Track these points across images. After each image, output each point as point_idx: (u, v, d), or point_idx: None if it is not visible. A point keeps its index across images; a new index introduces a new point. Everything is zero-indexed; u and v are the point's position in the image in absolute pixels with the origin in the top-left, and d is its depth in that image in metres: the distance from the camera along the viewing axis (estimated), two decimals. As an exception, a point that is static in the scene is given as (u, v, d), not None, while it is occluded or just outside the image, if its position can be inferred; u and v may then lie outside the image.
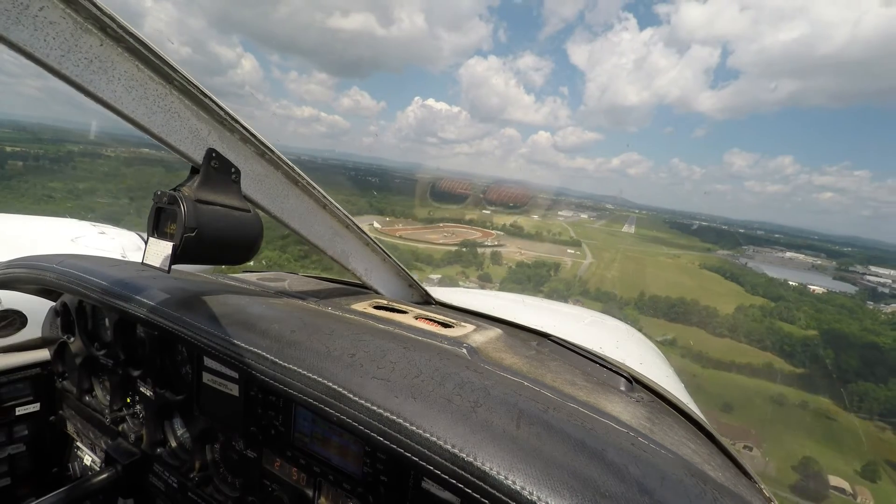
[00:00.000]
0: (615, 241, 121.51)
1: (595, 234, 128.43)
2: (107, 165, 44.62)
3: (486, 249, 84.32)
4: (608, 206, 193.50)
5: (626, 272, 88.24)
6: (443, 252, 76.61)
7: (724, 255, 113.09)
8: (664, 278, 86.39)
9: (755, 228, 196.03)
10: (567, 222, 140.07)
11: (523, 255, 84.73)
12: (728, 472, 0.80)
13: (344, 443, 0.87)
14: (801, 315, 64.18)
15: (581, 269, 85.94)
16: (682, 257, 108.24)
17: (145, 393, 1.23)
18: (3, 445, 1.44)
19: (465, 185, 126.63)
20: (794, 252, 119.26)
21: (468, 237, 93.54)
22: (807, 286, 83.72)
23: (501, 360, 1.04)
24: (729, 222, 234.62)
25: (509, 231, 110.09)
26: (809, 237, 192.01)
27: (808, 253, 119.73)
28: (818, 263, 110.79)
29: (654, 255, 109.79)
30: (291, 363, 0.76)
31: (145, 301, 1.02)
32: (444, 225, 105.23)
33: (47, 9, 0.60)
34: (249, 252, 0.92)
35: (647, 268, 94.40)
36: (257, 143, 0.94)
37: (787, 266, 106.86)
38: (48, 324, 1.55)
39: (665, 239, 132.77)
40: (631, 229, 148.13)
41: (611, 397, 0.95)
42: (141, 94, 0.73)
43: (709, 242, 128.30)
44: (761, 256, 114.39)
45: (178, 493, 1.17)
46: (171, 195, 0.78)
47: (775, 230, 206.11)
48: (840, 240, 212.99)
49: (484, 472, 0.52)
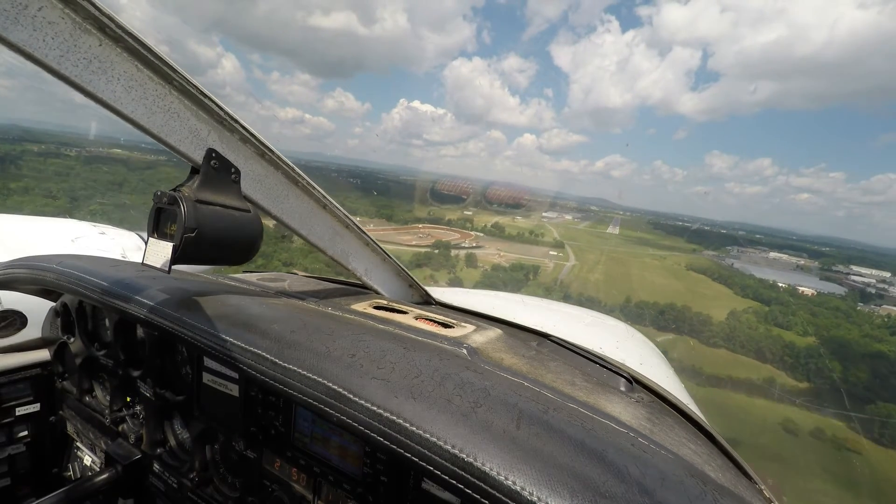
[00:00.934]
0: (599, 243, 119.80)
1: (579, 235, 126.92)
2: (60, 165, 43.74)
3: (461, 251, 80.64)
4: (593, 207, 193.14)
5: (611, 274, 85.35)
6: (411, 254, 72.23)
7: (709, 256, 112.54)
8: (651, 281, 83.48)
9: (736, 229, 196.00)
10: (551, 223, 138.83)
11: (502, 258, 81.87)
12: (728, 473, 0.80)
13: (344, 443, 0.87)
14: (797, 320, 60.42)
15: (563, 271, 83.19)
16: (668, 258, 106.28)
17: (145, 393, 1.23)
18: (4, 446, 1.44)
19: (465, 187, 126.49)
20: (777, 252, 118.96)
21: (444, 238, 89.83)
22: (796, 287, 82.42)
23: (501, 360, 1.04)
24: (711, 223, 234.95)
25: (489, 232, 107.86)
26: (788, 237, 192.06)
27: (790, 253, 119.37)
28: (802, 264, 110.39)
29: (639, 256, 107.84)
30: (291, 363, 0.76)
31: (145, 301, 1.02)
32: (421, 226, 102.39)
33: (46, 9, 0.60)
34: (249, 252, 0.92)
35: (632, 269, 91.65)
36: (257, 144, 0.94)
37: (773, 266, 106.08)
38: (48, 324, 1.55)
39: (650, 240, 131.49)
40: (615, 230, 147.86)
41: (611, 398, 0.95)
42: (140, 94, 0.73)
43: (693, 243, 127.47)
44: (746, 257, 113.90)
45: (178, 493, 1.17)
46: (171, 195, 0.78)
47: (756, 231, 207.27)
48: (817, 240, 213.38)
49: (484, 472, 0.52)
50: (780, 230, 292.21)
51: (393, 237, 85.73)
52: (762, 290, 78.04)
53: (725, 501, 0.53)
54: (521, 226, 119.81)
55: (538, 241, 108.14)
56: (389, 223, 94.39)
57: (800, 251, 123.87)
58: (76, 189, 35.88)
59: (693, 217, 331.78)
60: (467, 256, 76.51)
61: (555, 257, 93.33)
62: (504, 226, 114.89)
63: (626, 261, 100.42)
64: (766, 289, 79.40)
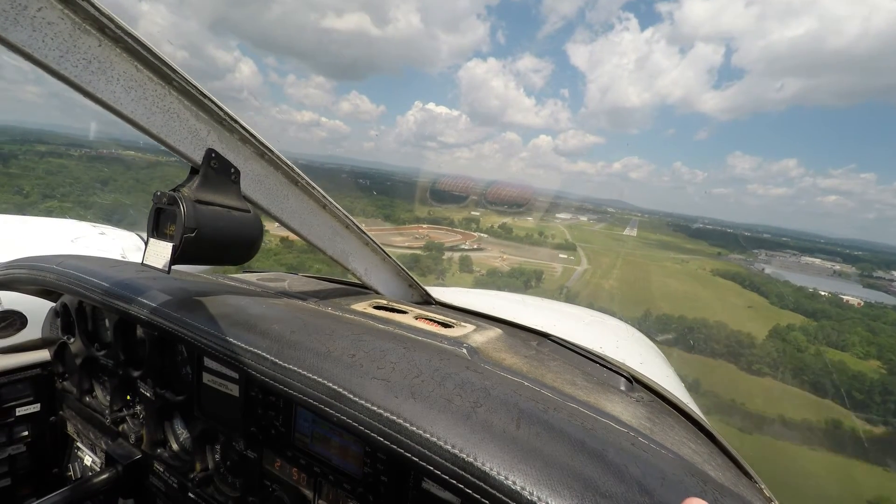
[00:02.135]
0: (616, 245, 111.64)
1: (594, 237, 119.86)
2: (54, 164, 43.33)
3: (455, 254, 73.44)
4: (609, 209, 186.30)
5: (628, 280, 75.72)
6: (397, 255, 69.35)
7: (736, 260, 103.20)
8: (674, 288, 73.24)
9: (760, 232, 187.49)
10: (564, 225, 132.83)
11: (504, 261, 75.72)
12: (729, 473, 0.80)
13: (344, 443, 0.87)
14: (853, 338, 48.25)
15: (573, 276, 75.18)
16: (691, 262, 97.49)
17: (145, 393, 1.23)
18: (4, 446, 1.44)
19: (465, 186, 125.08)
20: (808, 256, 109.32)
21: (443, 240, 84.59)
22: (839, 296, 71.07)
23: (501, 360, 1.04)
24: (733, 226, 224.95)
25: (496, 234, 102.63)
26: (816, 241, 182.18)
27: (822, 257, 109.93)
28: (837, 269, 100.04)
29: (659, 260, 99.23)
30: (292, 363, 0.76)
31: (145, 302, 1.02)
32: (421, 227, 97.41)
33: (45, 9, 0.60)
34: (249, 252, 0.92)
35: (652, 275, 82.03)
36: (257, 144, 0.94)
37: (807, 272, 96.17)
38: (48, 324, 1.55)
39: (670, 242, 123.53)
40: (633, 232, 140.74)
41: (611, 397, 0.95)
42: (140, 94, 0.73)
43: (718, 246, 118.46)
44: (777, 261, 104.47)
45: (179, 493, 1.17)
46: (171, 196, 0.78)
47: (781, 233, 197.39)
48: (847, 243, 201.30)
49: (484, 472, 0.52)
50: (806, 233, 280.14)
51: (384, 237, 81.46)
52: (803, 299, 67.36)
53: (726, 501, 0.53)
54: (530, 227, 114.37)
55: (548, 243, 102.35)
56: (386, 223, 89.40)
57: (831, 255, 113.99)
58: (55, 186, 35.39)
59: (714, 219, 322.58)
60: (461, 259, 70.19)
61: (564, 261, 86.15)
62: (512, 227, 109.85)
63: (644, 265, 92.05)
64: (807, 298, 68.24)
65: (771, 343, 46.63)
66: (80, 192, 33.52)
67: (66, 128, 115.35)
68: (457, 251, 78.66)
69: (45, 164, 40.96)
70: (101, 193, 33.51)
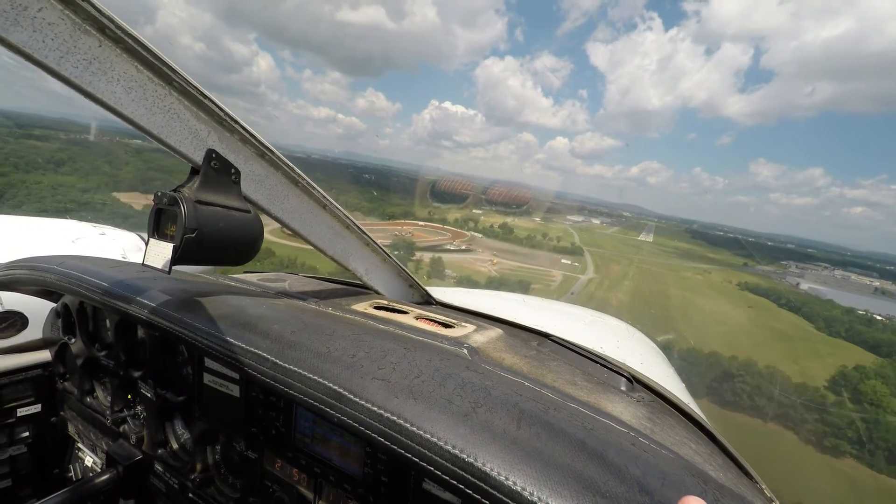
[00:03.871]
0: (629, 251, 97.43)
1: (605, 241, 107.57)
2: (32, 146, 43.16)
3: (429, 255, 60.51)
4: (625, 213, 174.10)
5: (642, 294, 59.95)
6: None
7: (765, 272, 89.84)
8: (698, 306, 56.16)
9: (783, 242, 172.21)
10: (575, 227, 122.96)
11: (495, 265, 65.13)
12: (729, 473, 0.80)
13: (345, 443, 0.87)
14: None
15: (575, 286, 62.09)
16: (714, 273, 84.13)
17: (146, 394, 1.23)
18: (5, 447, 1.44)
19: (466, 186, 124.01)
20: (841, 270, 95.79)
21: (427, 238, 76.34)
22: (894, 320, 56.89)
23: (502, 360, 1.04)
24: (754, 235, 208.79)
25: (493, 234, 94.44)
26: (842, 253, 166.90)
27: (856, 271, 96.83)
28: (878, 286, 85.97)
29: (677, 269, 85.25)
30: (292, 364, 0.76)
31: (146, 302, 1.03)
32: (403, 223, 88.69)
33: (46, 10, 0.60)
34: (250, 253, 0.92)
35: (670, 288, 66.31)
36: (257, 144, 0.94)
37: (845, 288, 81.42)
38: (49, 325, 1.55)
39: (690, 251, 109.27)
40: (649, 238, 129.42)
41: (611, 397, 0.95)
42: (140, 95, 0.73)
43: (743, 256, 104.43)
44: (811, 275, 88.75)
45: (180, 494, 1.17)
46: (172, 196, 0.78)
47: (805, 244, 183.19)
48: (875, 257, 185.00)
49: (485, 472, 0.52)
50: (831, 244, 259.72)
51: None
52: (858, 326, 50.44)
53: (726, 501, 0.53)
54: (532, 227, 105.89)
55: (551, 245, 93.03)
56: (368, 218, 79.67)
57: (865, 270, 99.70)
58: (20, 165, 35.26)
59: (734, 228, 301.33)
60: (433, 262, 57.44)
61: (567, 267, 74.96)
62: (513, 227, 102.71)
63: (662, 275, 76.72)
64: (862, 325, 51.19)
65: (833, 395, 30.00)
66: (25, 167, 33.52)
67: (93, 118, 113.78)
68: (438, 251, 69.71)
69: (34, 147, 41.09)
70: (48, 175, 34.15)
